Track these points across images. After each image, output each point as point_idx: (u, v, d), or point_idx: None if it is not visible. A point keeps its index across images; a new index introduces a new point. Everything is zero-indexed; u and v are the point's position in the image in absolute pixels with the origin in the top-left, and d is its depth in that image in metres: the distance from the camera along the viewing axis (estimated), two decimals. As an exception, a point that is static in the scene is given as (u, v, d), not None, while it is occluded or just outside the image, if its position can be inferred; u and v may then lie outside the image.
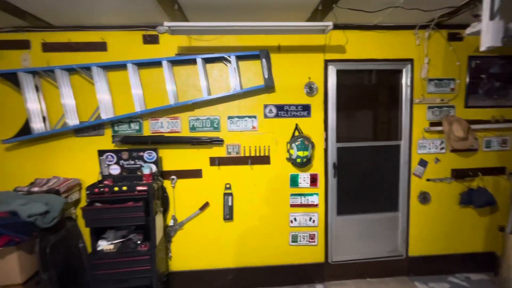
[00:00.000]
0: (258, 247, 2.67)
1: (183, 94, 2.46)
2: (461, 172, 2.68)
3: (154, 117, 2.47)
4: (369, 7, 2.09)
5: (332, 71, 2.55)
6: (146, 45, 2.40)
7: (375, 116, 2.77)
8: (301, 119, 2.57)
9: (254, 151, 2.56)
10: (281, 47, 2.47)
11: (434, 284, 2.67)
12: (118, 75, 2.37)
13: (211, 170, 2.56)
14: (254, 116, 2.53)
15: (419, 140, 2.65)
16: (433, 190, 2.70)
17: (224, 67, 2.46)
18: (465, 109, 2.65)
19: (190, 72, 2.45)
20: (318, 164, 2.63)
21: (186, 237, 2.60)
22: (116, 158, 2.34)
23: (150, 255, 2.12)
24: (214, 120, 2.51)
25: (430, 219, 2.74)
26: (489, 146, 2.69)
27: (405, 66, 2.60)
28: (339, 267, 2.75)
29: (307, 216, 2.67)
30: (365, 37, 2.53)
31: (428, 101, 2.60)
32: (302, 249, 2.71)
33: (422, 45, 2.55)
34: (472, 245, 2.80)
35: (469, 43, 2.57)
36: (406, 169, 2.69)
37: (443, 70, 2.60)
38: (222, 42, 2.45)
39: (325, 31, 2.05)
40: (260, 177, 2.60)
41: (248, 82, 2.49)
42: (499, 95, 2.67)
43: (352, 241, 2.75)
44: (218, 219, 2.60)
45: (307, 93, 2.54)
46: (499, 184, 2.75)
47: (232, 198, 2.59)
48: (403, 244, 2.77)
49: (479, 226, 2.79)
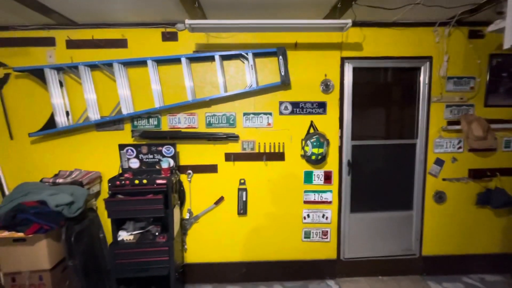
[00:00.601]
0: (270, 242, 2.71)
1: (200, 91, 2.51)
2: (478, 172, 2.64)
3: (172, 113, 2.53)
4: (389, 4, 2.07)
5: (349, 69, 2.54)
6: (165, 42, 2.45)
7: (391, 114, 2.75)
8: (316, 116, 2.58)
9: (269, 148, 2.59)
10: (298, 44, 2.48)
11: (448, 284, 2.65)
12: (138, 72, 2.44)
13: (226, 165, 2.60)
14: (269, 113, 2.56)
15: (436, 139, 2.62)
16: (449, 190, 2.67)
17: (241, 64, 2.49)
18: (484, 108, 2.60)
19: (207, 69, 2.49)
20: (333, 162, 2.64)
21: (201, 231, 2.66)
22: (135, 152, 2.42)
23: (168, 246, 2.19)
24: (230, 116, 2.55)
25: (445, 219, 2.72)
26: (508, 146, 2.64)
27: (423, 63, 2.56)
28: (351, 264, 2.76)
29: (320, 213, 2.69)
30: (383, 34, 2.51)
31: (447, 100, 2.56)
32: (315, 245, 2.73)
33: (442, 42, 2.51)
34: (488, 246, 2.77)
35: (491, 41, 2.51)
36: (421, 168, 2.67)
37: (463, 68, 2.55)
38: (239, 39, 2.48)
39: (344, 29, 2.05)
40: (274, 173, 2.63)
41: (264, 79, 2.51)
42: (521, 94, 2.61)
43: (365, 238, 2.76)
44: (232, 213, 2.66)
45: (323, 91, 2.54)
46: (518, 185, 2.69)
47: (246, 194, 2.64)
48: (417, 243, 2.76)
49: (495, 227, 2.75)
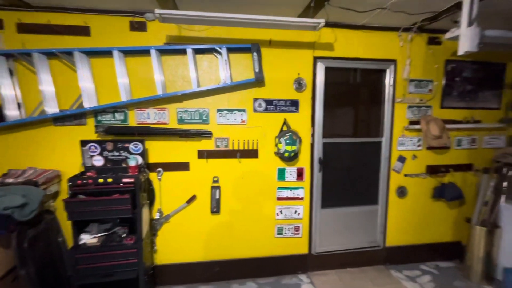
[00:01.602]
0: (244, 239, 2.70)
1: (171, 85, 2.41)
2: (434, 168, 2.88)
3: (141, 108, 2.39)
4: (359, 7, 2.16)
5: (321, 68, 2.61)
6: (133, 32, 2.30)
7: (359, 113, 2.88)
8: (289, 114, 2.62)
9: (243, 145, 2.57)
10: (272, 42, 2.49)
11: (407, 271, 2.86)
12: (103, 62, 2.27)
13: (199, 163, 2.54)
14: (243, 110, 2.53)
15: (399, 138, 2.80)
16: (409, 185, 2.88)
17: (215, 58, 2.43)
18: (440, 109, 2.84)
19: (179, 63, 2.39)
20: (305, 159, 2.70)
21: (172, 230, 2.57)
22: (100, 149, 2.25)
23: (136, 248, 2.08)
24: (203, 112, 2.48)
25: (406, 212, 2.93)
26: (460, 144, 2.91)
27: (389, 66, 2.72)
28: (322, 257, 2.86)
29: (293, 209, 2.74)
30: (353, 36, 2.61)
31: (409, 101, 2.75)
32: (287, 241, 2.78)
33: (405, 47, 2.68)
34: (442, 235, 3.04)
35: (447, 48, 2.74)
36: (386, 164, 2.84)
37: (423, 72, 2.76)
38: (212, 33, 2.42)
39: (317, 28, 2.09)
40: (248, 171, 2.62)
41: (238, 75, 2.48)
42: (470, 97, 2.89)
43: (335, 233, 2.87)
44: (205, 212, 2.60)
45: (296, 89, 2.58)
46: (467, 180, 2.98)
47: (220, 191, 2.60)
48: (381, 236, 2.94)
49: (448, 218, 3.03)
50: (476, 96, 2.90)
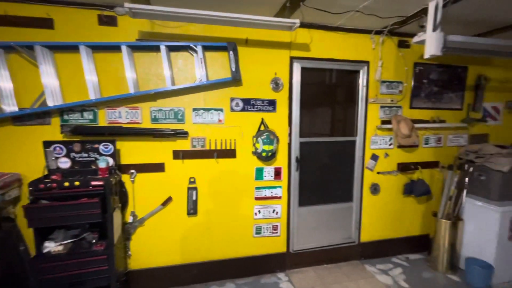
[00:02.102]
0: (222, 240, 2.67)
1: (144, 83, 2.32)
2: (405, 165, 3.02)
3: (111, 106, 2.28)
4: (333, 8, 2.20)
5: (297, 68, 2.64)
6: (102, 26, 2.18)
7: (335, 113, 2.95)
8: (267, 114, 2.62)
9: (220, 145, 2.54)
10: (249, 41, 2.47)
11: (380, 265, 2.99)
12: (69, 58, 2.13)
13: (175, 163, 2.47)
14: (220, 109, 2.50)
15: (372, 137, 2.91)
16: (382, 182, 3.00)
17: (190, 56, 2.37)
18: (410, 110, 2.98)
19: (152, 60, 2.31)
20: (282, 158, 2.72)
21: (147, 234, 2.48)
22: (66, 150, 2.11)
23: (107, 254, 1.97)
24: (178, 111, 2.41)
25: (379, 208, 3.05)
26: (427, 143, 3.08)
27: (362, 67, 2.81)
28: (300, 255, 2.90)
29: (271, 208, 2.76)
30: (328, 37, 2.66)
31: (381, 101, 2.86)
32: (266, 240, 2.79)
33: (377, 49, 2.78)
34: (412, 229, 3.20)
35: (415, 51, 2.88)
36: (360, 163, 2.93)
37: (394, 74, 2.88)
38: (188, 30, 2.36)
39: (292, 28, 2.11)
40: (225, 171, 2.59)
41: (214, 74, 2.44)
42: (436, 98, 3.06)
43: (312, 230, 2.93)
44: (181, 214, 2.54)
45: (273, 89, 2.59)
46: (434, 176, 3.17)
47: (197, 193, 2.54)
48: (356, 232, 3.04)
49: (418, 212, 3.19)
50: (441, 97, 3.08)
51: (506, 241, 2.60)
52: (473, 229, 2.77)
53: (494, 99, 3.26)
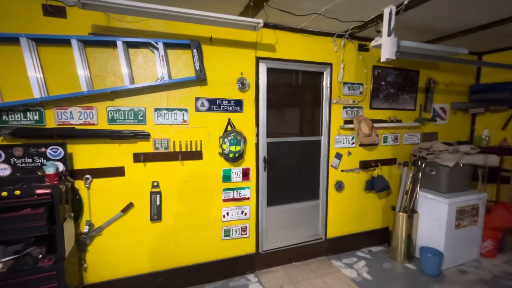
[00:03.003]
0: (189, 245, 2.58)
1: (99, 81, 2.14)
2: (366, 163, 3.19)
3: (62, 106, 2.07)
4: (296, 10, 2.24)
5: (263, 68, 2.64)
6: (48, 17, 1.97)
7: (301, 114, 3.01)
8: (234, 114, 2.58)
9: (185, 146, 2.44)
10: (214, 39, 2.41)
11: (346, 259, 3.11)
12: (7, 51, 1.90)
13: (136, 167, 2.32)
14: (185, 109, 2.40)
15: (336, 136, 3.02)
16: (346, 179, 3.13)
17: (151, 54, 2.25)
18: (370, 110, 3.15)
19: (108, 56, 2.14)
20: (250, 159, 2.70)
21: (106, 244, 2.30)
22: (5, 155, 1.87)
23: (56, 270, 1.78)
24: (139, 111, 2.27)
25: (344, 204, 3.18)
26: (386, 141, 3.28)
27: (325, 69, 2.90)
28: (269, 255, 2.91)
29: (239, 210, 2.72)
30: (293, 38, 2.71)
31: (343, 102, 2.97)
32: (235, 243, 2.75)
33: (339, 52, 2.90)
34: (374, 223, 3.38)
35: (373, 54, 3.05)
36: (325, 161, 3.03)
37: (355, 76, 3.02)
38: (148, 26, 2.23)
39: (256, 28, 2.09)
40: (191, 173, 2.50)
41: (178, 72, 2.34)
42: (393, 99, 3.28)
43: (281, 229, 2.95)
44: (144, 220, 2.39)
45: (239, 89, 2.56)
46: (392, 172, 3.39)
47: (161, 197, 2.42)
48: (323, 228, 3.13)
49: (378, 207, 3.39)
50: (397, 99, 3.31)
51: (453, 230, 2.86)
52: (426, 220, 3.00)
53: (441, 101, 3.58)
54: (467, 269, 2.92)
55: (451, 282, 2.69)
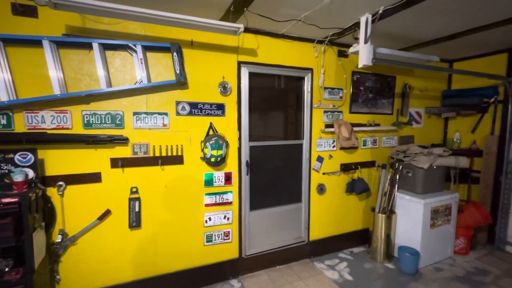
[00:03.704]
0: (170, 252, 2.51)
1: (74, 84, 2.06)
2: (347, 166, 3.26)
3: (32, 110, 1.97)
4: (277, 16, 2.27)
5: (245, 73, 2.65)
6: (17, 16, 1.88)
7: (283, 118, 3.04)
8: (215, 118, 2.57)
9: (166, 151, 2.40)
10: (195, 43, 2.40)
11: (328, 261, 3.15)
12: (-29, 52, 1.78)
13: (113, 173, 2.24)
14: (165, 113, 2.36)
15: (317, 140, 3.07)
16: (327, 182, 3.19)
17: (129, 56, 2.19)
18: (349, 114, 3.24)
19: (84, 58, 2.07)
20: (232, 163, 2.69)
21: (81, 253, 2.20)
22: (-33, 162, 1.75)
23: (24, 283, 1.68)
24: (117, 115, 2.21)
25: (326, 207, 3.23)
26: (365, 144, 3.38)
27: (306, 74, 2.96)
28: (252, 259, 2.89)
29: (222, 214, 2.70)
30: (275, 44, 2.74)
31: (324, 106, 3.04)
32: (217, 248, 2.72)
33: (320, 57, 2.96)
34: (355, 224, 3.46)
35: (352, 61, 3.15)
36: (307, 165, 3.07)
37: (335, 81, 3.10)
38: (127, 28, 2.18)
39: (237, 33, 2.10)
40: (172, 178, 2.45)
41: (158, 75, 2.30)
42: (371, 104, 3.39)
43: (264, 233, 2.95)
44: (122, 227, 2.31)
45: (221, 92, 2.55)
46: (372, 174, 3.49)
47: (140, 203, 2.35)
48: (306, 231, 3.16)
49: (359, 209, 3.47)
50: (376, 103, 3.42)
51: (428, 229, 2.98)
52: (404, 221, 3.11)
53: (417, 105, 3.74)
54: (442, 266, 3.05)
55: (427, 280, 2.80)
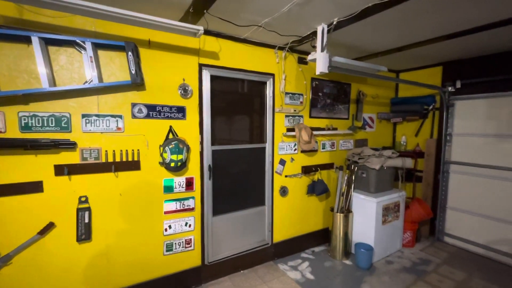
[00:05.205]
0: (127, 265, 2.34)
1: (8, 81, 1.83)
2: (307, 168, 3.39)
3: (-48, 110, 1.70)
4: (238, 21, 2.29)
5: (207, 76, 2.61)
6: None
7: (246, 121, 3.05)
8: (176, 121, 2.48)
9: (120, 156, 2.24)
10: (153, 43, 2.30)
11: (291, 262, 3.22)
12: None
13: (58, 181, 2.03)
14: (119, 116, 2.21)
15: (280, 143, 3.14)
16: (289, 184, 3.27)
17: (77, 54, 2.02)
18: (309, 119, 3.38)
19: (21, 54, 1.85)
20: (194, 167, 2.62)
21: (18, 274, 1.93)
22: None
23: None
24: (62, 118, 2.00)
25: (288, 209, 3.30)
26: (324, 147, 3.55)
27: (268, 79, 3.02)
28: (216, 266, 2.83)
29: (183, 221, 2.60)
30: (237, 48, 2.75)
31: (285, 111, 3.13)
32: (178, 257, 2.60)
33: (281, 63, 3.05)
34: (316, 224, 3.59)
35: (311, 67, 3.30)
36: (270, 168, 3.12)
37: (295, 86, 3.21)
38: (73, 23, 2.00)
39: (197, 35, 2.07)
40: (128, 185, 2.30)
41: (111, 75, 2.15)
42: (330, 109, 3.58)
43: (228, 238, 2.91)
44: (69, 241, 2.10)
45: (181, 95, 2.48)
46: (330, 176, 3.67)
47: (90, 213, 2.15)
48: (269, 233, 3.19)
49: (319, 209, 3.62)
50: (333, 109, 3.62)
51: (381, 226, 3.22)
52: (359, 219, 3.32)
53: (370, 111, 4.05)
54: (392, 259, 3.31)
55: (380, 273, 3.01)
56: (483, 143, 3.40)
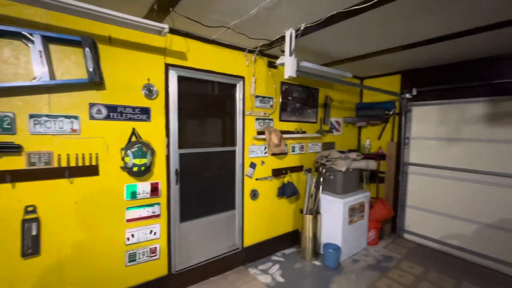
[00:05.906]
0: (81, 280, 2.14)
1: None
2: (278, 171, 3.41)
3: None
4: (206, 21, 2.24)
5: (173, 76, 2.52)
6: None
7: (216, 124, 2.99)
8: (139, 123, 2.34)
9: (76, 160, 2.06)
10: (114, 40, 2.16)
11: (262, 266, 3.20)
12: None
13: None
14: (74, 117, 2.03)
15: (250, 146, 3.13)
16: (260, 187, 3.26)
17: (24, 47, 1.82)
18: (279, 122, 3.41)
19: (-47, 44, 1.62)
20: (160, 172, 2.49)
21: None
22: None
23: None
24: (5, 118, 1.79)
25: (259, 212, 3.29)
26: (293, 150, 3.61)
27: (238, 82, 3.00)
28: (183, 274, 2.71)
29: (148, 229, 2.45)
30: (206, 49, 2.70)
31: (256, 114, 3.13)
32: (142, 267, 2.45)
33: (251, 66, 3.05)
34: (286, 226, 3.62)
35: (281, 72, 3.32)
36: (240, 171, 3.08)
37: (265, 90, 3.23)
38: (20, 13, 1.81)
39: (162, 33, 1.98)
40: (85, 192, 2.11)
41: (65, 73, 1.97)
42: (299, 113, 3.66)
43: (196, 245, 2.81)
44: (11, 257, 1.86)
45: (146, 96, 2.35)
46: (300, 178, 3.73)
47: (39, 225, 1.94)
48: (240, 238, 3.15)
49: (290, 211, 3.66)
50: (303, 112, 3.71)
51: (347, 226, 3.34)
52: (327, 219, 3.41)
53: (337, 115, 4.21)
54: (358, 258, 3.45)
55: (347, 272, 3.11)
56: (436, 146, 3.70)
